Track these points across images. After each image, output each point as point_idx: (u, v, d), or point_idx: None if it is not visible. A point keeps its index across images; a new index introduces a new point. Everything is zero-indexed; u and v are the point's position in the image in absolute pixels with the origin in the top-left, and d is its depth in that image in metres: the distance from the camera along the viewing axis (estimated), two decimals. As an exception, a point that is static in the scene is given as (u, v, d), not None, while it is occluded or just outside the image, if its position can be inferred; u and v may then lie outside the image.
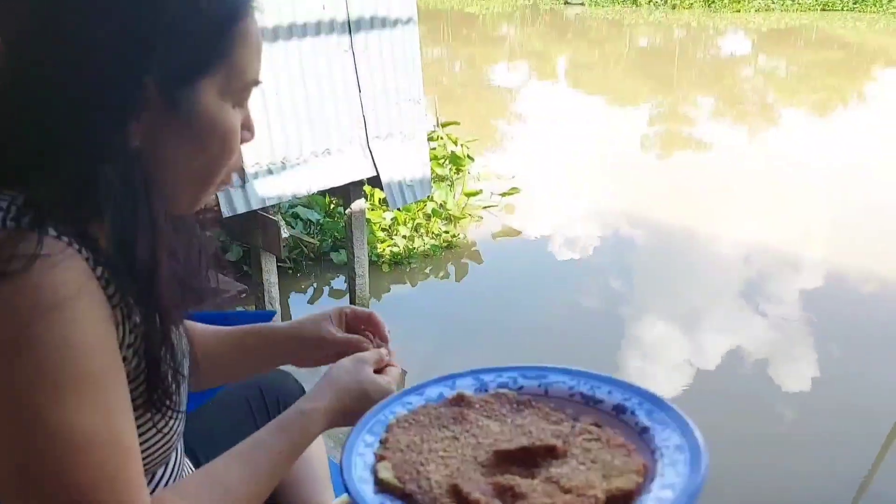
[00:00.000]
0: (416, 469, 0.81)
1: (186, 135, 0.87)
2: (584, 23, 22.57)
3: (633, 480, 0.76)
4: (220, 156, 0.91)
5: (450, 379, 1.00)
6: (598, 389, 0.93)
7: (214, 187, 0.95)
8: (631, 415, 0.88)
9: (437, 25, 21.73)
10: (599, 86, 14.08)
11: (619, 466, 0.79)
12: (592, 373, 0.96)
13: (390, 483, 0.79)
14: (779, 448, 3.73)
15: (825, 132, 10.24)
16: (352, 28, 4.07)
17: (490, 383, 0.99)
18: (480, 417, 0.91)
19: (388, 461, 0.82)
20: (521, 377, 0.99)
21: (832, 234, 6.54)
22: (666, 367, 4.50)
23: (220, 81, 0.87)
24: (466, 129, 8.13)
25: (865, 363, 4.46)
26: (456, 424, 0.90)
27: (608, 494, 0.74)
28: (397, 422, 0.91)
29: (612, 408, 0.90)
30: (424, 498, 0.76)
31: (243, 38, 0.88)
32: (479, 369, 1.01)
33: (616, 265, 6.00)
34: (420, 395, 0.97)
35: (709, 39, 19.29)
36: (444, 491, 0.77)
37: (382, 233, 6.08)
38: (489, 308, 5.32)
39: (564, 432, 0.87)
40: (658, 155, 9.46)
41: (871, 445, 3.71)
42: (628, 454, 0.81)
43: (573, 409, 0.92)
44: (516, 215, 6.93)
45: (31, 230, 0.77)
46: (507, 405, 0.94)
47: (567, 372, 0.98)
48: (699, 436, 0.79)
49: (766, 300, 5.34)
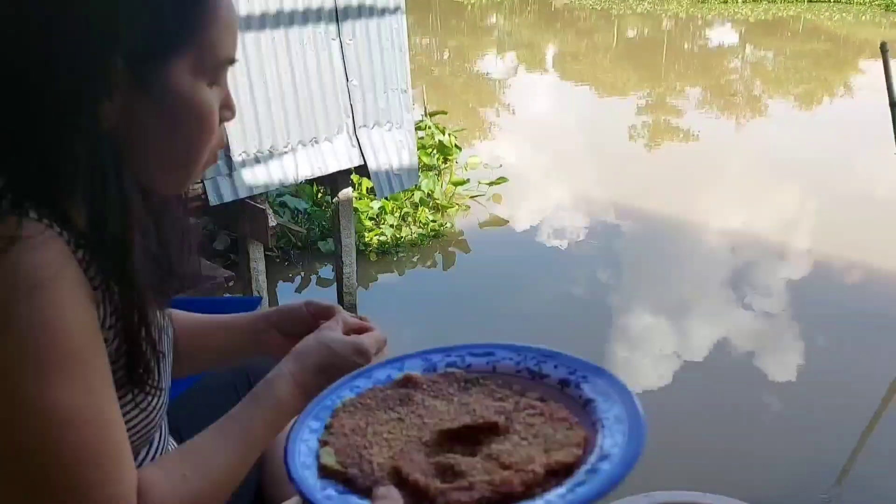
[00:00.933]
0: (358, 453, 0.81)
1: (161, 115, 0.87)
2: (572, 13, 22.54)
3: (572, 454, 0.77)
4: (198, 136, 0.91)
5: (398, 361, 1.00)
6: (543, 364, 0.94)
7: (198, 167, 0.94)
8: (575, 388, 0.89)
9: (425, 15, 21.65)
10: (587, 76, 14.09)
11: (560, 440, 0.80)
12: (540, 348, 0.97)
13: (332, 468, 0.79)
14: (760, 434, 3.77)
15: (811, 123, 10.30)
16: (339, 16, 4.06)
17: (439, 363, 0.99)
18: (427, 398, 0.92)
19: (330, 446, 0.83)
20: (469, 355, 1.00)
21: (817, 224, 6.59)
22: (651, 355, 4.53)
23: (193, 59, 0.87)
24: (454, 118, 8.14)
25: (849, 352, 4.51)
26: (402, 406, 0.91)
27: (547, 468, 0.75)
28: (343, 406, 0.91)
29: (558, 382, 0.91)
30: (365, 481, 0.77)
31: (214, 14, 0.87)
32: (427, 350, 1.02)
33: (603, 255, 6.03)
34: (368, 379, 0.97)
35: (697, 30, 19.31)
36: (386, 473, 0.77)
37: (370, 221, 6.08)
38: (476, 297, 5.33)
39: (508, 409, 0.88)
40: (645, 145, 9.48)
41: (853, 432, 3.76)
42: (570, 427, 0.82)
43: (520, 385, 0.93)
44: (504, 205, 6.94)
45: (11, 212, 0.78)
46: (455, 384, 0.95)
47: (514, 348, 0.98)
48: (639, 406, 0.81)
49: (752, 289, 5.38)
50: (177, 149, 0.91)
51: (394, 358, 1.01)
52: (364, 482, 0.77)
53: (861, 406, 3.97)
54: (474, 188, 6.99)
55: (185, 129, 0.90)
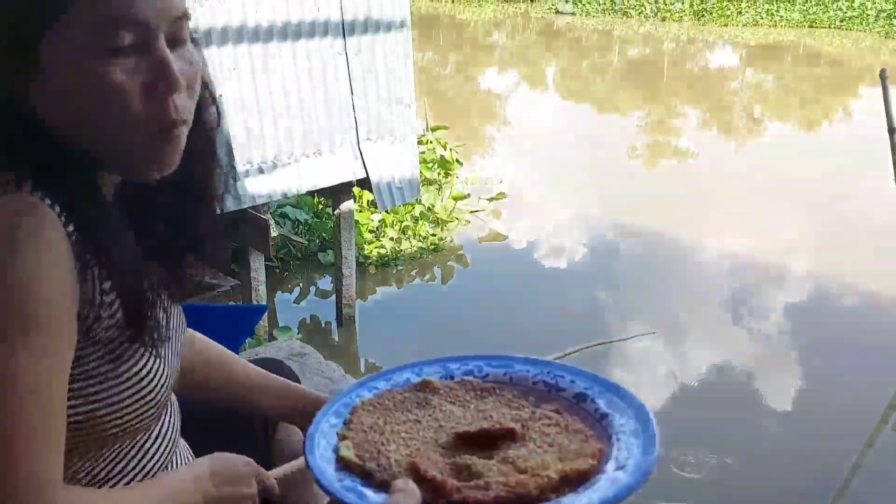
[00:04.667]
0: (376, 448, 0.83)
1: (58, 91, 0.83)
2: (574, 32, 22.68)
3: (587, 463, 0.79)
4: (102, 111, 0.83)
5: (417, 366, 1.02)
6: (560, 378, 0.96)
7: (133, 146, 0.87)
8: (591, 402, 0.91)
9: (428, 31, 21.77)
10: (588, 95, 14.17)
11: (575, 450, 0.82)
12: (557, 363, 0.99)
13: (350, 461, 0.81)
14: (759, 453, 3.78)
15: (810, 147, 10.35)
16: (345, 30, 4.10)
17: (456, 371, 1.02)
18: (444, 403, 0.94)
19: (349, 440, 0.84)
20: (486, 366, 1.02)
21: (814, 246, 6.62)
22: (648, 373, 4.55)
23: (69, 31, 0.80)
24: (455, 133, 8.18)
25: (843, 376, 4.53)
26: (419, 409, 0.92)
27: (562, 475, 0.77)
28: (362, 405, 0.93)
29: (574, 396, 0.93)
30: (383, 475, 0.78)
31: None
32: (446, 358, 1.03)
33: (600, 272, 6.06)
34: (387, 381, 0.99)
35: (697, 52, 19.43)
36: (403, 469, 0.79)
37: (370, 234, 6.11)
38: (474, 311, 5.35)
39: (524, 417, 0.89)
40: (644, 164, 9.54)
41: (847, 455, 3.77)
42: (586, 439, 0.84)
43: (535, 397, 0.95)
44: (503, 220, 6.98)
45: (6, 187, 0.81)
46: (472, 392, 0.97)
47: (531, 362, 1.01)
48: (653, 420, 0.83)
49: (749, 310, 5.41)
50: (90, 127, 0.85)
51: (412, 363, 1.03)
52: (381, 476, 0.79)
53: (856, 429, 3.99)
54: (474, 203, 7.02)
55: (83, 106, 0.83)
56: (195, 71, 0.91)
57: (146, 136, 0.85)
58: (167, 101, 0.84)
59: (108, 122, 0.83)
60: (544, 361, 1.00)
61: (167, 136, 0.87)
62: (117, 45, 0.81)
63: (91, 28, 0.79)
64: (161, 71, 0.83)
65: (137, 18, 0.81)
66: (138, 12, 0.81)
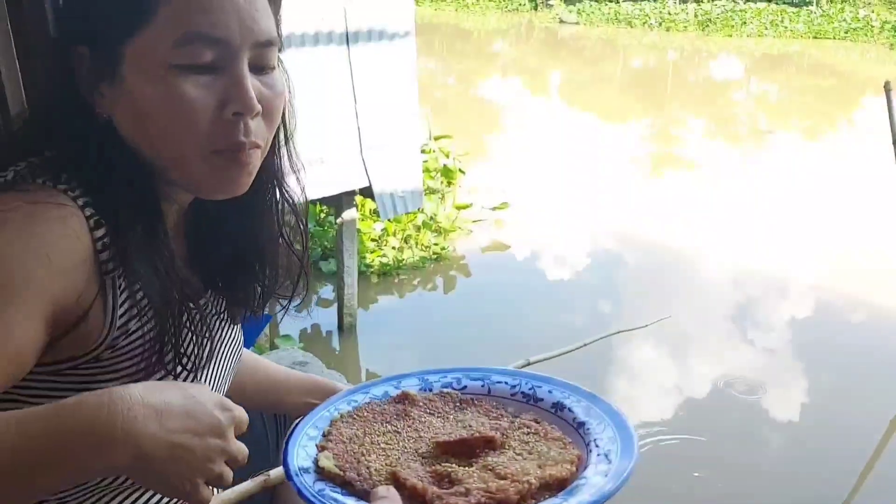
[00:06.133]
0: (356, 459, 0.83)
1: (132, 100, 0.84)
2: (578, 42, 22.73)
3: (566, 469, 0.80)
4: (174, 124, 0.83)
5: (396, 379, 1.03)
6: (538, 389, 0.98)
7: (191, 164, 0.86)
8: (569, 411, 0.92)
9: (432, 39, 21.83)
10: (592, 104, 14.18)
11: (554, 457, 0.83)
12: (533, 374, 1.01)
13: (331, 471, 0.81)
14: (761, 466, 3.75)
15: (815, 157, 10.33)
16: (350, 40, 4.10)
17: (435, 383, 1.02)
18: (423, 414, 0.94)
19: (329, 451, 0.85)
20: (465, 378, 1.03)
21: (820, 259, 6.59)
22: (652, 387, 4.52)
23: (151, 42, 0.82)
24: (458, 142, 8.18)
25: (848, 389, 4.50)
26: (399, 420, 0.93)
27: (542, 481, 0.78)
28: (341, 417, 0.94)
29: (552, 405, 0.95)
30: (364, 485, 0.79)
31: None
32: (425, 370, 1.04)
33: (603, 283, 6.04)
34: (365, 394, 1.00)
35: (701, 62, 19.46)
36: (384, 478, 0.79)
37: (372, 243, 6.10)
38: (475, 321, 5.33)
39: (504, 426, 0.91)
40: (648, 175, 9.53)
41: (853, 469, 3.74)
42: (564, 447, 0.85)
43: (514, 408, 0.96)
44: (505, 229, 6.96)
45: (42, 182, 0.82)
46: (451, 403, 0.98)
47: (508, 373, 1.02)
48: (631, 427, 0.85)
49: (754, 324, 5.38)
50: (157, 139, 0.85)
51: (392, 376, 1.04)
52: (362, 485, 0.79)
53: (861, 443, 3.96)
54: (477, 212, 7.01)
55: (153, 116, 0.83)
56: (276, 98, 0.91)
57: (210, 154, 0.85)
58: (237, 122, 0.85)
59: (174, 135, 0.84)
60: (522, 373, 1.01)
61: (232, 157, 0.87)
62: (196, 62, 0.82)
63: (173, 41, 0.81)
64: (236, 92, 0.84)
65: (219, 38, 0.82)
66: (221, 32, 0.82)
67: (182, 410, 0.69)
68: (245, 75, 0.85)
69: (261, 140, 0.89)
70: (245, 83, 0.84)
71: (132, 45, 0.82)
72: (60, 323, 0.81)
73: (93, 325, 0.84)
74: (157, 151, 0.86)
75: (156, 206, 0.90)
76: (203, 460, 0.70)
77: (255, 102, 0.85)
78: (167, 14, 0.81)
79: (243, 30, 0.84)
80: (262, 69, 0.89)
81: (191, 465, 0.69)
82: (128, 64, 0.83)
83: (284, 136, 1.02)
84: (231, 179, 0.88)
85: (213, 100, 0.84)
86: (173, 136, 0.84)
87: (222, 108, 0.84)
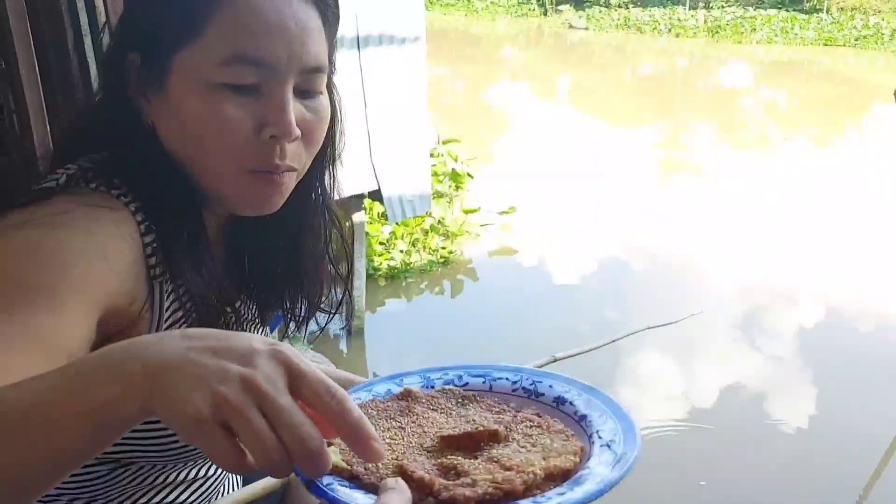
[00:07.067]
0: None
1: (175, 112, 0.86)
2: (587, 47, 22.75)
3: (570, 460, 0.81)
4: (212, 141, 0.85)
5: (397, 377, 1.04)
6: (539, 384, 0.99)
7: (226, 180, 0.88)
8: (570, 405, 0.94)
9: (441, 44, 21.88)
10: (600, 110, 14.19)
11: (557, 449, 0.84)
12: (534, 369, 1.03)
13: (338, 465, 0.82)
14: (767, 477, 3.75)
15: (824, 165, 10.32)
16: (360, 44, 4.13)
17: (436, 381, 1.04)
18: (427, 410, 0.96)
19: (335, 446, 0.85)
20: (466, 375, 1.05)
21: (829, 266, 6.58)
22: (659, 396, 4.53)
23: (198, 57, 0.83)
24: (467, 147, 8.20)
25: (855, 399, 4.49)
26: (403, 416, 0.94)
27: (547, 472, 0.79)
28: None
29: (553, 399, 0.97)
30: (371, 478, 0.80)
31: (222, 9, 0.83)
32: (426, 368, 1.06)
33: (612, 289, 6.04)
34: (368, 392, 1.01)
35: (711, 69, 19.45)
36: (390, 472, 0.80)
37: (380, 246, 6.12)
38: (482, 325, 5.35)
39: (506, 420, 0.92)
40: (656, 181, 9.53)
41: (859, 480, 3.74)
42: (567, 439, 0.87)
43: (516, 403, 0.98)
44: (513, 234, 6.98)
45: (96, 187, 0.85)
46: (453, 399, 0.99)
47: (510, 369, 1.04)
48: (633, 418, 0.86)
49: (762, 332, 5.38)
50: (196, 154, 0.87)
51: (393, 375, 1.06)
52: (369, 479, 0.80)
53: (867, 454, 3.95)
54: (484, 216, 7.03)
55: (193, 131, 0.85)
56: (319, 122, 0.93)
57: (244, 172, 0.87)
58: (273, 145, 0.86)
59: (211, 151, 0.85)
60: (523, 368, 1.04)
61: (266, 178, 0.88)
62: (239, 81, 0.83)
63: (219, 60, 0.82)
64: (275, 116, 0.85)
65: (265, 61, 0.83)
66: (267, 56, 0.83)
67: (213, 332, 0.59)
68: (287, 101, 0.85)
69: (297, 164, 0.90)
70: (286, 108, 0.85)
71: (180, 58, 0.84)
72: (110, 325, 0.81)
73: (141, 330, 0.86)
74: (194, 164, 0.88)
75: (198, 215, 0.93)
76: (213, 378, 0.54)
77: (294, 128, 0.86)
78: (216, 33, 0.83)
79: (291, 55, 0.85)
80: (308, 94, 0.90)
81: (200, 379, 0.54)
82: (174, 76, 0.84)
83: (332, 156, 1.05)
84: (263, 198, 0.90)
85: (252, 121, 0.85)
86: (210, 152, 0.86)
87: (260, 130, 0.85)
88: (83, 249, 0.77)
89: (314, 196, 1.04)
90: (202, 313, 0.90)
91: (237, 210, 0.93)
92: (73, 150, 0.90)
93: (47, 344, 0.70)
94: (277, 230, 1.03)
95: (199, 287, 0.89)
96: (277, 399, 0.55)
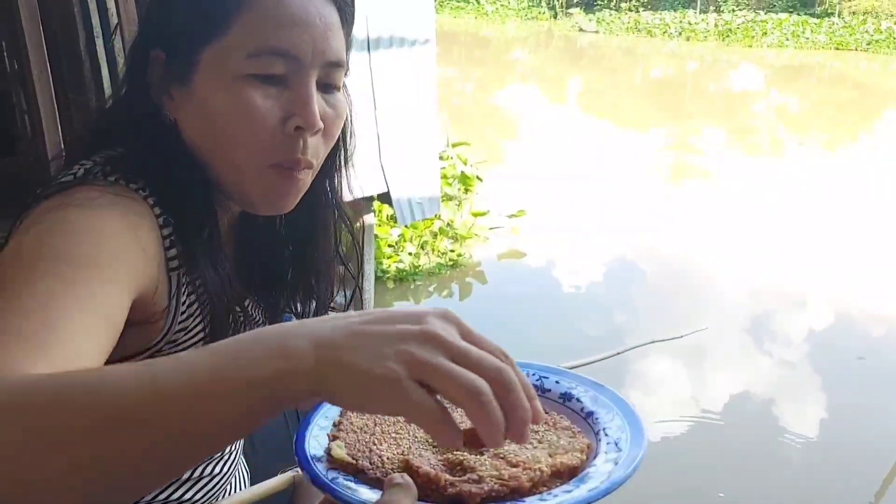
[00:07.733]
0: (368, 448, 0.84)
1: (199, 106, 0.87)
2: (597, 50, 22.72)
3: (577, 458, 0.81)
4: (237, 132, 0.86)
5: None
6: (545, 380, 0.99)
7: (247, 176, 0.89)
8: (577, 401, 0.94)
9: (451, 46, 21.90)
10: (610, 113, 14.17)
11: (564, 446, 0.84)
12: (541, 365, 1.02)
13: (343, 460, 0.82)
14: (778, 484, 3.73)
15: (836, 170, 10.27)
16: (371, 46, 4.13)
17: None
18: None
19: (340, 440, 0.85)
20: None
21: (840, 272, 6.55)
22: (668, 401, 4.51)
23: (225, 51, 0.85)
24: (476, 150, 8.20)
25: (866, 406, 4.46)
26: None
27: (553, 469, 0.78)
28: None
29: (559, 396, 0.96)
30: (376, 473, 0.80)
31: (250, 5, 0.85)
32: None
33: (619, 293, 6.03)
34: None
35: (721, 72, 19.39)
36: (396, 466, 0.80)
37: (389, 249, 6.12)
38: (491, 328, 5.32)
39: None
40: (666, 185, 9.50)
41: (870, 487, 3.72)
42: (574, 436, 0.86)
43: None
44: (522, 237, 6.97)
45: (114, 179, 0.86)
46: None
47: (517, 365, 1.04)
48: (639, 415, 0.86)
49: (772, 337, 5.35)
50: (214, 147, 0.88)
51: None
52: (374, 473, 0.80)
53: (877, 462, 3.93)
54: (493, 220, 7.03)
55: (218, 123, 0.86)
56: (338, 118, 0.94)
57: (266, 168, 0.88)
58: (297, 138, 0.87)
59: (236, 144, 0.86)
60: (529, 364, 1.02)
61: (286, 174, 0.89)
62: (266, 71, 0.85)
63: (246, 53, 0.84)
64: (300, 107, 0.86)
65: (291, 53, 0.85)
66: (294, 47, 0.85)
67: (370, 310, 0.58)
68: (312, 92, 0.87)
69: (315, 159, 0.92)
70: (311, 100, 0.87)
71: (207, 53, 0.85)
72: (136, 310, 0.81)
73: (158, 321, 0.87)
74: (216, 159, 0.89)
75: (213, 211, 0.93)
76: (393, 339, 0.53)
77: (319, 119, 0.87)
78: (242, 27, 0.84)
79: (315, 48, 0.87)
80: (328, 88, 0.92)
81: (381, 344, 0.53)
82: (200, 71, 0.86)
83: (344, 158, 1.06)
84: (280, 195, 0.91)
85: (279, 111, 0.86)
86: (235, 145, 0.87)
87: (285, 122, 0.87)
88: (120, 229, 0.79)
89: (326, 197, 1.05)
90: (217, 309, 0.91)
91: (253, 208, 0.94)
92: (88, 148, 0.91)
93: (104, 313, 0.72)
94: (289, 231, 1.04)
95: (215, 283, 0.90)
96: (461, 345, 0.56)
